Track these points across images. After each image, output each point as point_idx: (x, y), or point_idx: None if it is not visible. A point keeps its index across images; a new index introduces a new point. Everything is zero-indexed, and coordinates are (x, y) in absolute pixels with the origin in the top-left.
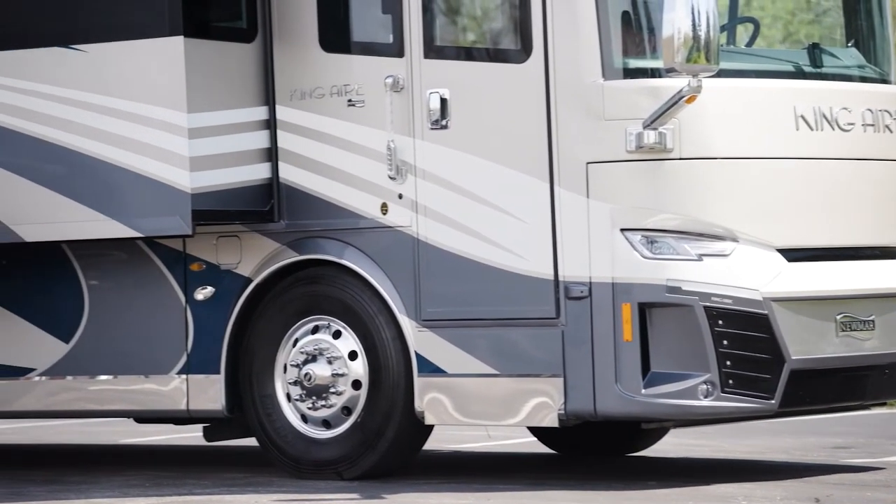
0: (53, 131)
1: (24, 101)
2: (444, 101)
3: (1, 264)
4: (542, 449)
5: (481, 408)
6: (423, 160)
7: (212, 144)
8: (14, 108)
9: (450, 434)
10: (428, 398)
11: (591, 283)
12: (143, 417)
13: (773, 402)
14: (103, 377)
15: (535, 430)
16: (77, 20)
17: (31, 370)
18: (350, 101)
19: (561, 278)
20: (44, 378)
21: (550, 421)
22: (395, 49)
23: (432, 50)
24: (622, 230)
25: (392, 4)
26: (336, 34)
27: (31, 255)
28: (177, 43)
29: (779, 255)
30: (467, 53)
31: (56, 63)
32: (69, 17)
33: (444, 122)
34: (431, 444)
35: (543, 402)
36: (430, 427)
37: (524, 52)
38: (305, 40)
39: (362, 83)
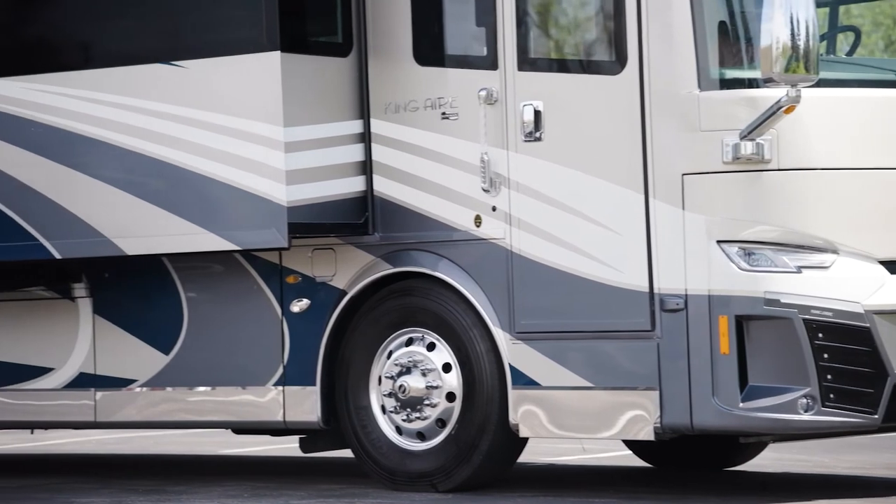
0: (154, 146)
1: (126, 117)
2: (537, 114)
3: (104, 277)
4: (638, 462)
5: (576, 421)
6: (517, 172)
7: (307, 158)
8: (116, 123)
9: (545, 447)
10: (522, 411)
11: (686, 295)
12: (241, 428)
13: (875, 416)
14: (202, 388)
15: (631, 444)
16: (178, 37)
17: (133, 381)
18: (444, 113)
19: (656, 290)
20: (145, 389)
21: (646, 434)
22: (489, 61)
23: (526, 62)
24: (719, 242)
25: (486, 17)
26: (430, 47)
27: (133, 268)
28: (274, 58)
29: (880, 267)
30: (561, 65)
31: (157, 79)
32: (170, 35)
33: (537, 135)
34: (526, 456)
35: (639, 415)
36: (525, 440)
37: (619, 63)
38: (400, 54)
39: (456, 96)
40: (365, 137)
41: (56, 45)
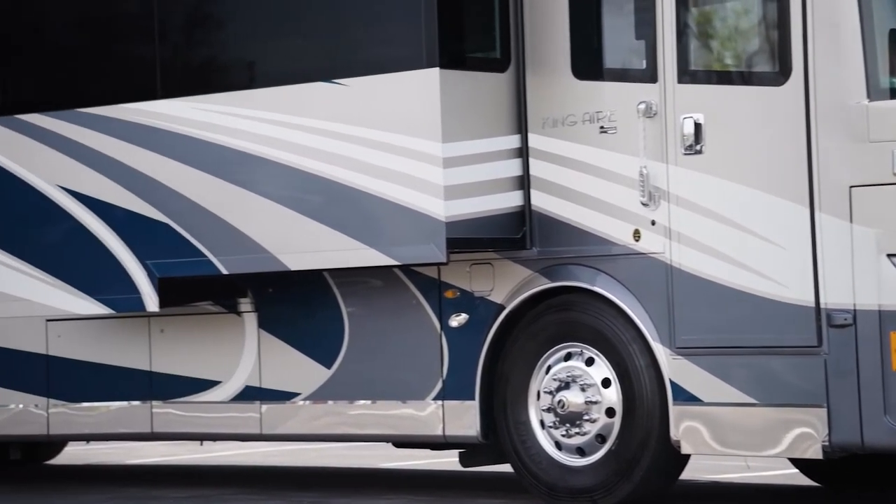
0: (316, 163)
1: (289, 135)
2: (698, 126)
3: (268, 292)
4: (805, 481)
5: (740, 437)
6: (677, 186)
7: (466, 173)
8: (280, 141)
9: (707, 463)
10: (684, 427)
11: (855, 310)
12: (401, 442)
13: None
14: (362, 402)
15: (798, 462)
16: (339, 56)
17: (297, 394)
18: (602, 127)
19: (823, 305)
20: (308, 402)
21: (814, 452)
22: (649, 74)
23: (686, 74)
24: (889, 255)
25: (645, 30)
26: (588, 61)
27: (296, 283)
28: (433, 75)
29: None
30: (722, 77)
31: (319, 97)
32: (332, 54)
33: (698, 147)
34: (688, 473)
35: (806, 433)
36: (687, 456)
37: (782, 74)
38: (558, 68)
39: (614, 109)
40: (522, 152)
41: (223, 65)
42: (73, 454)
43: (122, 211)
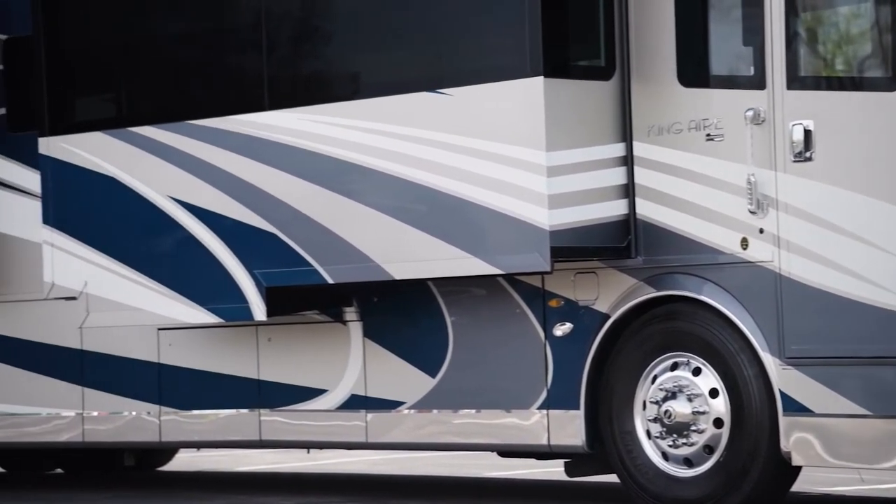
0: (420, 173)
1: (393, 145)
2: (808, 133)
3: (373, 301)
4: None
5: (853, 450)
6: (786, 193)
7: (569, 182)
8: (385, 151)
9: (819, 476)
10: (794, 438)
11: None
12: (506, 451)
13: None
14: (467, 411)
15: None
16: (443, 66)
17: (402, 403)
18: (708, 135)
19: None
20: (412, 411)
21: None
22: (756, 81)
23: (795, 80)
24: None
25: (753, 36)
26: (695, 68)
27: (400, 292)
28: (537, 83)
29: None
30: (833, 83)
31: (423, 107)
32: (436, 64)
33: (808, 154)
34: (799, 485)
35: None
36: (798, 468)
37: (895, 79)
38: (663, 76)
39: (721, 117)
40: (627, 160)
41: (328, 77)
42: (184, 461)
43: (231, 221)
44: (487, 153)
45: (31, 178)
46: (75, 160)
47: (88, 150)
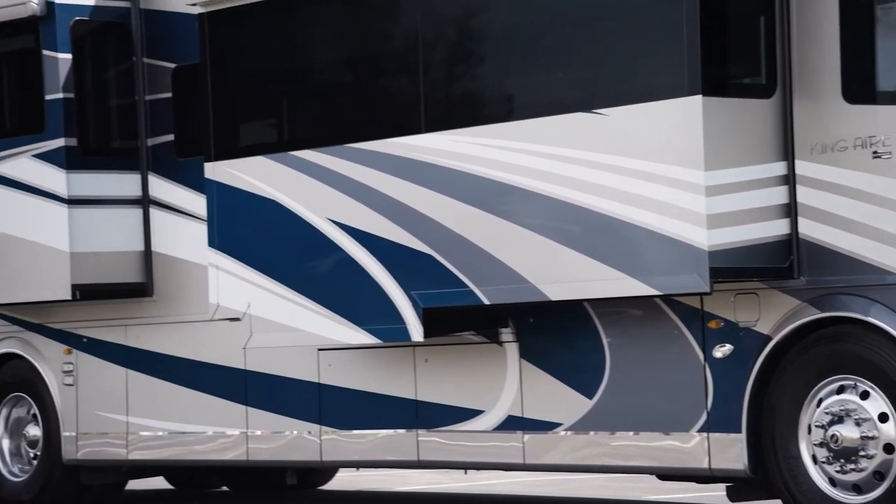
0: (576, 193)
1: (549, 166)
2: None
3: (529, 322)
4: None
5: None
6: None
7: (729, 201)
8: (540, 172)
9: None
10: None
11: None
12: (665, 474)
13: None
14: (625, 433)
15: None
16: (599, 86)
17: (559, 425)
18: (875, 152)
19: None
20: (569, 433)
21: None
22: None
23: None
24: None
25: None
26: (860, 85)
27: (556, 313)
28: (695, 102)
29: None
30: None
31: (579, 128)
32: (592, 84)
33: None
34: None
35: None
36: None
37: None
38: (827, 93)
39: (889, 134)
40: (789, 179)
41: (483, 99)
42: (344, 480)
43: (388, 242)
44: (644, 173)
45: (197, 202)
46: (239, 184)
47: (251, 174)
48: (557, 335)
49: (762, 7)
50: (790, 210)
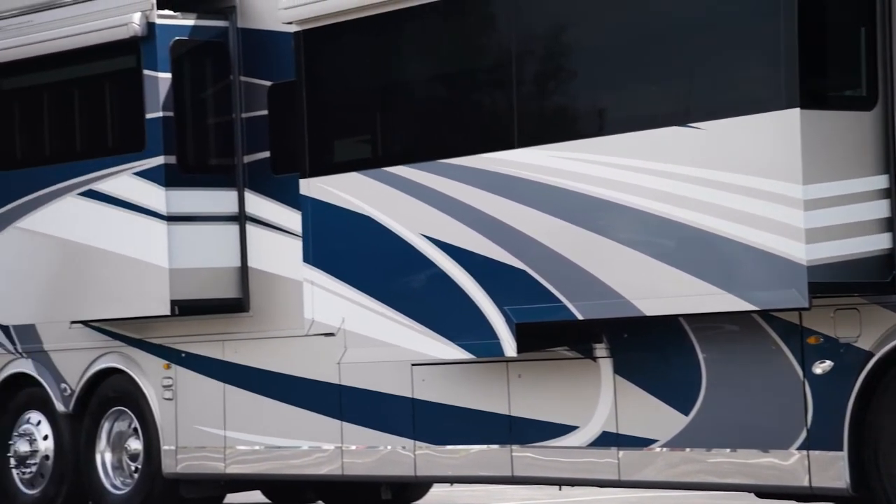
0: (670, 207)
1: (643, 180)
2: None
3: (623, 337)
4: None
5: None
6: None
7: (828, 216)
8: (634, 186)
9: None
10: None
11: None
12: (764, 492)
13: None
14: (721, 450)
15: None
16: (694, 100)
17: (654, 441)
18: None
19: None
20: (665, 449)
21: None
22: None
23: None
24: None
25: None
26: None
27: (651, 328)
28: (793, 115)
29: None
30: None
31: (673, 142)
32: (687, 98)
33: None
34: None
35: None
36: None
37: None
38: None
39: None
40: (891, 193)
41: (577, 113)
42: (439, 495)
43: (481, 257)
44: (741, 187)
45: (292, 219)
46: (333, 200)
47: (345, 190)
48: (652, 350)
49: (863, 17)
50: (892, 224)
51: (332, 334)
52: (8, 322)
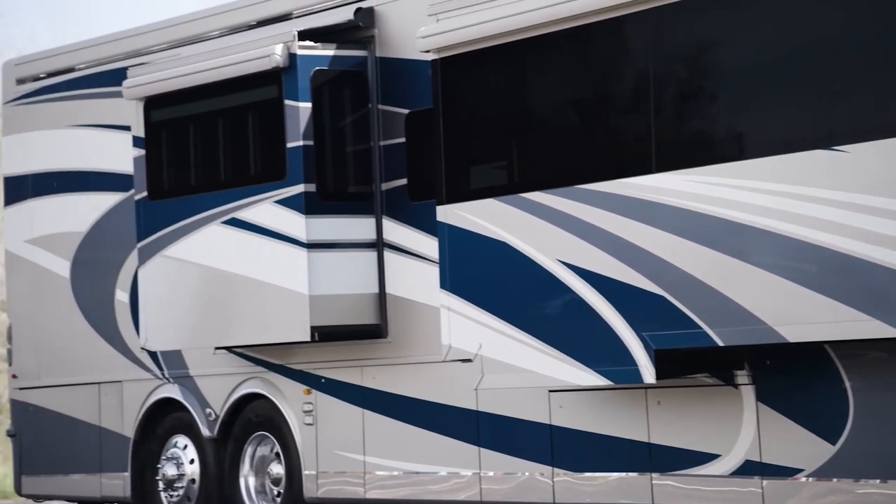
0: (812, 232)
1: (783, 204)
2: None
3: (765, 364)
4: None
5: None
6: None
7: None
8: (775, 210)
9: None
10: None
11: None
12: None
13: None
14: (871, 481)
15: None
16: (838, 122)
17: (799, 471)
18: None
19: None
20: (810, 479)
21: None
22: None
23: None
24: None
25: None
26: None
27: (794, 355)
28: None
29: None
30: None
31: (817, 165)
32: (830, 121)
33: None
34: None
35: None
36: None
37: None
38: None
39: None
40: None
41: (716, 137)
42: None
43: (618, 283)
44: (887, 211)
45: (429, 245)
46: (470, 226)
47: (482, 217)
48: (796, 378)
49: None
50: None
51: (469, 360)
52: (156, 348)
